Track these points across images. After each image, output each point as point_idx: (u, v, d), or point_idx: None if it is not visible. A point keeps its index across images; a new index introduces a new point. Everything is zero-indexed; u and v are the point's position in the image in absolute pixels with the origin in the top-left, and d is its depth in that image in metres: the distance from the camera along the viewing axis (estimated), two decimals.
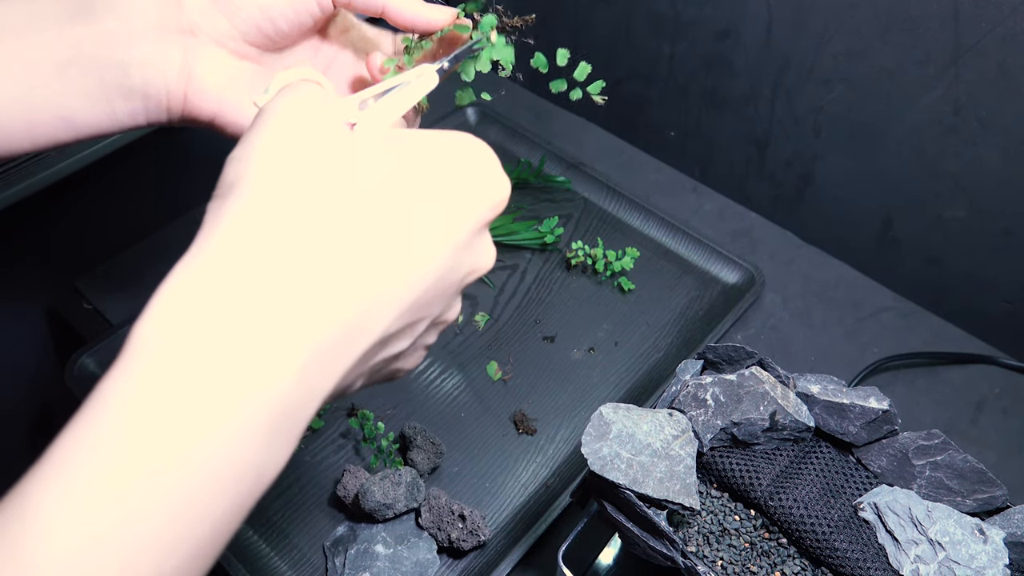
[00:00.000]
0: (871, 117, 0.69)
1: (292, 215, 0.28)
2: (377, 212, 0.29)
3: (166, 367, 0.25)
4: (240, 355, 0.25)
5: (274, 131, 0.30)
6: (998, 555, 0.42)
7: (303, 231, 0.28)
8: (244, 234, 0.27)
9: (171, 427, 0.24)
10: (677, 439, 0.46)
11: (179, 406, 0.24)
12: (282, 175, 0.29)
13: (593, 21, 0.86)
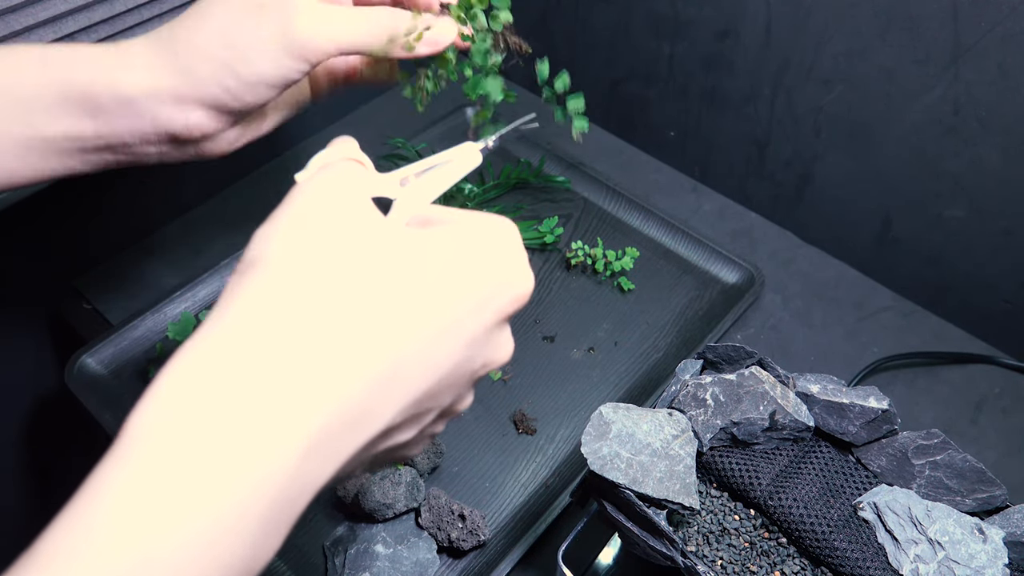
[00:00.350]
0: (871, 117, 0.69)
1: (304, 302, 0.28)
2: (392, 303, 0.29)
3: (162, 457, 0.24)
4: (238, 445, 0.25)
5: (300, 214, 0.30)
6: (997, 554, 0.42)
7: (313, 319, 0.27)
8: (253, 319, 0.27)
9: (165, 517, 0.23)
10: (677, 439, 0.46)
11: (174, 496, 0.24)
12: (300, 261, 0.28)
13: (593, 21, 0.86)
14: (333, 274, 0.28)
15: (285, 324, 0.27)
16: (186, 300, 0.74)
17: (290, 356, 0.26)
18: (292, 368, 0.26)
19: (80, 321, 0.76)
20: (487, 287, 0.31)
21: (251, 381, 0.26)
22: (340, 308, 0.28)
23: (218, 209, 0.84)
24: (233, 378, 0.26)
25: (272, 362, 0.26)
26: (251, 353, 0.26)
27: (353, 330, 0.28)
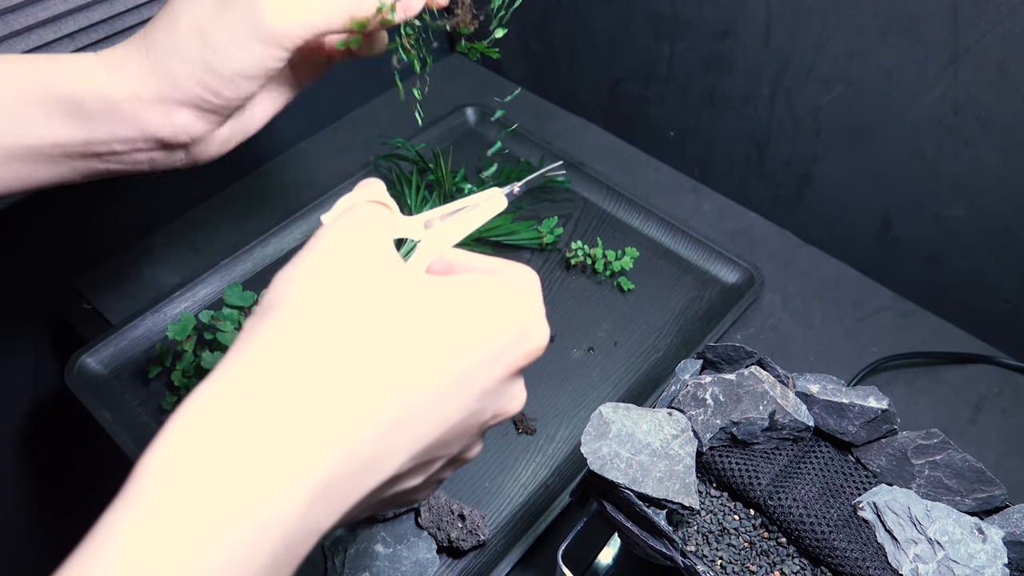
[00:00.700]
0: (870, 117, 0.69)
1: (318, 350, 0.28)
2: (405, 351, 0.29)
3: (172, 499, 0.24)
4: (246, 488, 0.25)
5: (321, 258, 0.30)
6: (997, 554, 0.42)
7: (326, 367, 0.28)
8: (267, 364, 0.27)
9: (175, 560, 0.24)
10: (676, 438, 0.46)
11: (183, 538, 0.24)
12: (317, 307, 0.29)
13: (593, 21, 0.86)
14: (349, 321, 0.29)
15: (298, 371, 0.27)
16: (186, 300, 0.74)
17: (301, 403, 0.27)
18: (302, 414, 0.27)
19: (80, 321, 0.76)
20: (502, 339, 0.31)
21: (262, 426, 0.26)
22: (353, 355, 0.28)
23: (218, 209, 0.84)
24: (244, 423, 0.26)
25: (283, 408, 0.26)
26: (263, 398, 0.27)
27: (365, 377, 0.28)
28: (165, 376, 0.69)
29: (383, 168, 0.85)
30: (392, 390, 0.28)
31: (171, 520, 0.24)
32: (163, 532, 0.24)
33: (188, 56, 0.41)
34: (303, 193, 0.85)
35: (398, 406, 0.28)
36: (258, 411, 0.26)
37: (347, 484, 0.28)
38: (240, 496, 0.25)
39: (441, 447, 0.31)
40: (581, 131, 0.93)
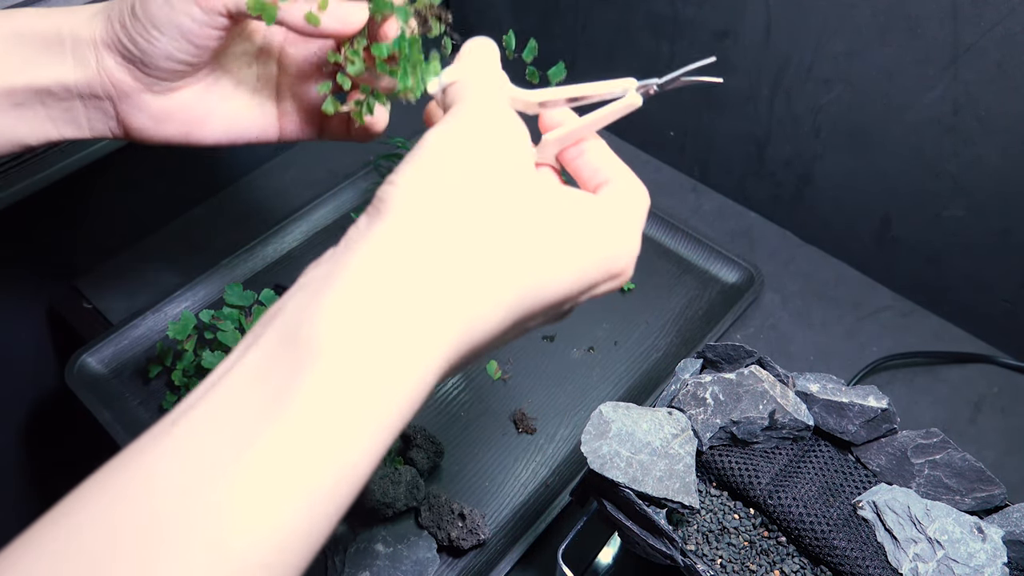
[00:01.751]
0: (870, 117, 0.69)
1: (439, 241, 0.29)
2: (510, 254, 0.30)
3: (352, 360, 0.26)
4: (406, 356, 0.27)
5: (447, 153, 0.31)
6: (996, 553, 0.42)
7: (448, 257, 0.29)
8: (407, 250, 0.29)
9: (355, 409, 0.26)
10: (676, 438, 0.46)
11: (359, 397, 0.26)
12: (438, 203, 0.30)
13: (593, 21, 0.86)
14: (469, 215, 0.30)
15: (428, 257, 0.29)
16: (186, 299, 0.74)
17: (432, 284, 0.28)
18: (434, 293, 0.28)
19: (80, 320, 0.76)
20: (596, 273, 0.33)
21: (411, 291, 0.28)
22: (472, 248, 0.29)
23: (218, 209, 0.85)
24: (398, 286, 0.28)
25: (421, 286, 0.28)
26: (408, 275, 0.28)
27: (480, 267, 0.29)
28: (165, 375, 0.69)
29: (383, 168, 0.85)
30: (511, 295, 0.30)
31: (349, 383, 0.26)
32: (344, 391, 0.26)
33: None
34: (303, 193, 0.85)
35: (511, 311, 0.30)
36: (408, 294, 0.28)
37: (460, 362, 0.30)
38: (402, 360, 0.27)
39: (518, 337, 0.34)
40: None
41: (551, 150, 0.37)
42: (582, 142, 0.37)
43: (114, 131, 0.45)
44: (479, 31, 0.60)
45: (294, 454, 0.25)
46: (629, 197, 0.35)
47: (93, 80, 0.43)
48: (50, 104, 0.44)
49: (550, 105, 0.37)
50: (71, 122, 0.45)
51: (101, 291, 0.77)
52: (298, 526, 0.25)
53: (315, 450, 0.25)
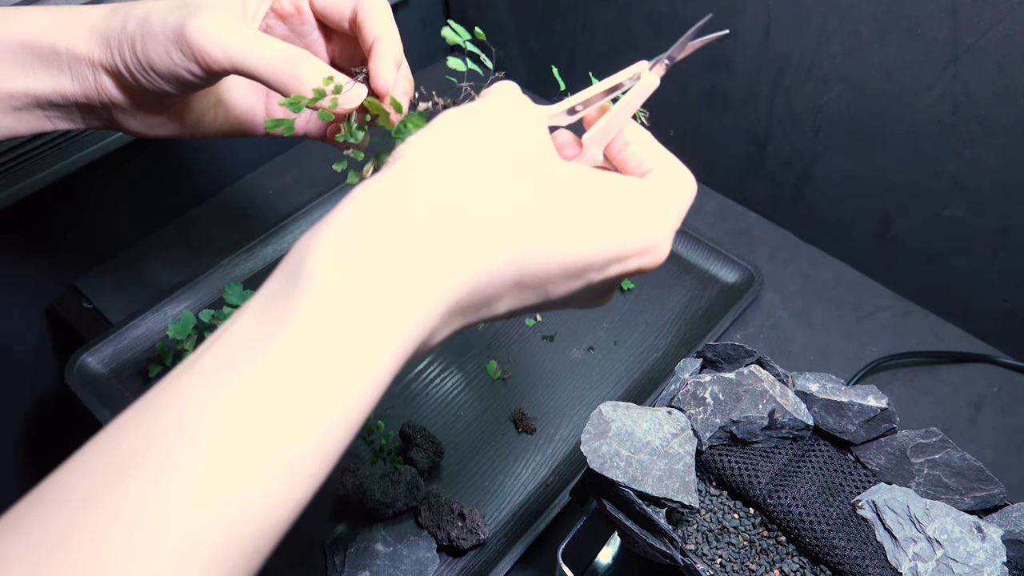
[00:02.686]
0: (870, 116, 0.69)
1: (458, 196, 0.29)
2: (535, 225, 0.30)
3: (344, 294, 0.26)
4: (401, 305, 0.27)
5: (478, 120, 0.32)
6: (996, 553, 0.42)
7: (463, 211, 0.29)
8: (419, 195, 0.29)
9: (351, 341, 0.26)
10: (676, 437, 0.46)
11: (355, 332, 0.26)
12: (463, 161, 0.30)
13: (593, 21, 0.86)
14: (496, 178, 0.30)
15: (438, 209, 0.29)
16: (186, 299, 0.74)
17: (441, 234, 0.28)
18: (440, 244, 0.28)
19: (80, 320, 0.76)
20: (624, 249, 0.32)
21: (414, 246, 0.28)
22: (492, 208, 0.30)
23: (218, 208, 0.85)
24: (396, 235, 0.28)
25: (428, 236, 0.28)
26: (414, 220, 0.28)
27: (495, 229, 0.29)
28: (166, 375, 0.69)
29: None
30: (514, 251, 0.30)
31: (343, 321, 0.26)
32: (337, 328, 0.26)
33: (126, 31, 0.42)
34: (303, 193, 0.85)
35: (515, 266, 0.30)
36: (408, 231, 0.28)
37: (462, 313, 0.30)
38: (399, 291, 0.27)
39: (539, 309, 0.34)
40: (581, 131, 0.93)
41: (595, 150, 0.37)
42: (624, 135, 0.37)
43: (109, 128, 0.47)
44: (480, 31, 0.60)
45: (284, 381, 0.25)
46: (670, 180, 0.35)
47: (90, 93, 0.44)
48: (48, 109, 0.45)
49: (576, 111, 0.37)
50: (67, 120, 0.46)
51: (101, 291, 0.77)
52: (293, 451, 0.25)
53: (307, 379, 0.25)
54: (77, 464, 0.24)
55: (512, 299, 0.32)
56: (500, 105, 0.33)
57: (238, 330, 0.26)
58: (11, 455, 0.87)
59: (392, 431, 0.65)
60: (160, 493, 0.23)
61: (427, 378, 0.69)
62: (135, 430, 0.25)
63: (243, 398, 0.25)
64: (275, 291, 0.27)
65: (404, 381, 0.69)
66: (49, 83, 0.43)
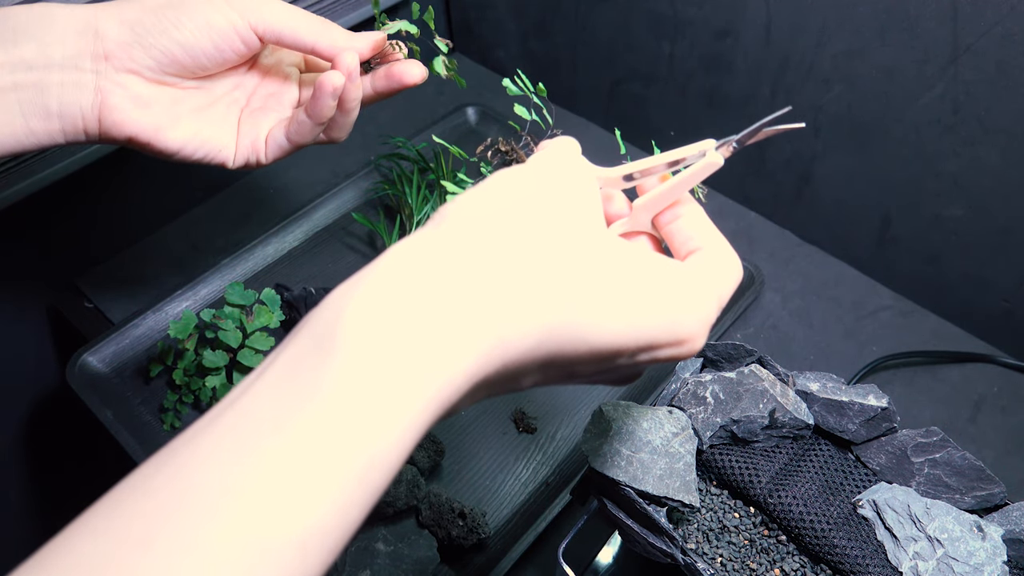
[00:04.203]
0: (870, 116, 0.69)
1: (495, 266, 0.29)
2: (571, 303, 0.29)
3: (373, 352, 0.26)
4: (429, 365, 0.27)
5: (521, 186, 0.31)
6: (996, 552, 0.42)
7: (499, 281, 0.28)
8: (451, 264, 0.28)
9: (382, 403, 0.26)
10: (676, 436, 0.46)
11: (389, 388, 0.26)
12: (501, 229, 0.29)
13: (593, 21, 0.86)
14: (537, 247, 0.29)
15: (473, 279, 0.28)
16: (187, 298, 0.74)
17: (468, 304, 0.28)
18: (464, 314, 0.28)
19: (81, 319, 0.76)
20: (660, 337, 0.31)
21: (449, 310, 0.27)
22: (530, 279, 0.29)
23: (219, 208, 0.85)
24: (431, 299, 0.27)
25: (457, 305, 0.27)
26: (449, 286, 0.28)
27: (529, 303, 0.29)
28: (166, 375, 0.69)
29: (384, 167, 0.85)
30: (547, 332, 0.29)
31: (376, 376, 0.26)
32: (371, 383, 0.25)
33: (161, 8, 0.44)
34: (303, 193, 0.85)
35: (546, 347, 0.29)
36: (442, 301, 0.27)
37: (487, 387, 0.29)
38: (427, 354, 0.26)
39: (562, 383, 0.33)
40: (581, 131, 0.93)
41: (643, 217, 0.36)
42: (677, 207, 0.36)
43: (86, 116, 0.44)
44: (480, 31, 0.60)
45: (305, 460, 0.25)
46: (715, 266, 0.33)
47: (83, 47, 0.43)
48: (22, 86, 0.43)
49: (633, 178, 0.36)
50: (41, 108, 0.43)
51: (102, 290, 0.77)
52: (309, 529, 0.24)
53: (328, 458, 0.25)
54: (89, 526, 0.24)
55: (538, 376, 0.31)
56: (554, 166, 0.32)
57: (263, 391, 0.26)
58: (11, 455, 0.87)
59: None
60: (173, 568, 0.22)
61: None
62: (154, 492, 0.24)
63: (263, 473, 0.24)
64: (303, 353, 0.27)
65: None
66: (30, 46, 0.42)
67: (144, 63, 0.45)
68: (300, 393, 0.25)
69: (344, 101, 0.48)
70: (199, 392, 0.66)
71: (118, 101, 0.45)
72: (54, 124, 0.44)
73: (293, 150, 0.51)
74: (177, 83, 0.47)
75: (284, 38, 0.47)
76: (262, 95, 0.52)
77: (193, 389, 0.66)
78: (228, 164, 0.52)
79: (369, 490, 0.26)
